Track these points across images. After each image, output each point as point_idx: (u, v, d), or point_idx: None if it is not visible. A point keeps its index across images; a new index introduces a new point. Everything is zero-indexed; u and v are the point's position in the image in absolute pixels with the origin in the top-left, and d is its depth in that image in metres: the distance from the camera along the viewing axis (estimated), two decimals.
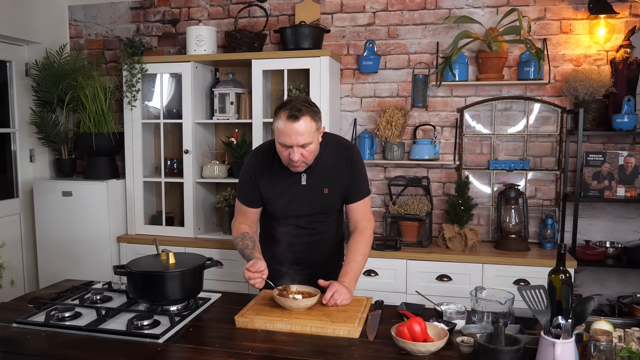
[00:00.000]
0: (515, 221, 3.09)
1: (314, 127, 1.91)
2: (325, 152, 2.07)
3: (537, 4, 3.20)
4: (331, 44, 3.48)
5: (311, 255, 2.16)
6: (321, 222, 2.14)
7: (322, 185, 2.06)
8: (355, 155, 2.11)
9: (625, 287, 3.21)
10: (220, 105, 3.40)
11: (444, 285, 2.95)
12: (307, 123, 1.88)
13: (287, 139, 1.89)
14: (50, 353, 1.59)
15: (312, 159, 1.99)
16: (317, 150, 2.00)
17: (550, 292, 1.47)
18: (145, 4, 3.76)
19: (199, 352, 1.56)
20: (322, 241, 2.17)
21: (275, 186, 2.07)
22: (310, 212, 2.10)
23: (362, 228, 2.13)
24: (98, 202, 3.34)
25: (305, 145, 1.90)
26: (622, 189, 3.04)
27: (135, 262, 1.92)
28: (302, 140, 1.89)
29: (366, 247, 2.11)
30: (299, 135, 1.88)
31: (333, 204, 2.12)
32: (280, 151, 1.95)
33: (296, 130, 1.87)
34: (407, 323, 1.54)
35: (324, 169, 2.06)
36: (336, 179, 2.07)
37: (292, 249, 2.13)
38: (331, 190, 2.07)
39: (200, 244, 3.26)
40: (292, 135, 1.88)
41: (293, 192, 2.07)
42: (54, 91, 3.48)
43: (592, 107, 3.02)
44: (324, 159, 2.06)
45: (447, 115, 3.37)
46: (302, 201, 2.07)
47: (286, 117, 1.88)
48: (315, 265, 2.16)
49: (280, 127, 1.90)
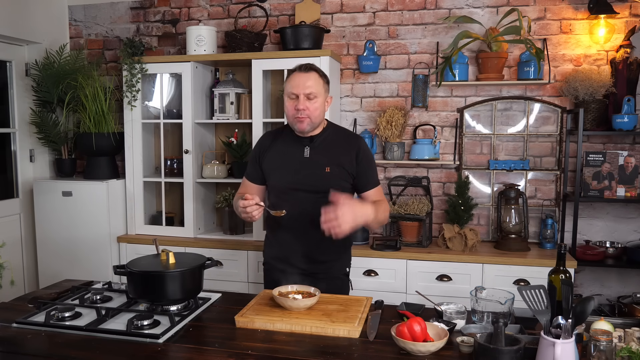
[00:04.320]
0: (515, 221, 3.09)
1: (321, 83, 2.07)
2: (330, 131, 2.18)
3: (537, 4, 3.20)
4: (331, 44, 3.48)
5: (314, 240, 2.10)
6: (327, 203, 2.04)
7: (324, 163, 2.10)
8: (364, 146, 2.17)
9: (625, 287, 3.21)
10: (220, 105, 3.40)
11: (444, 285, 2.95)
12: (315, 77, 2.06)
13: (295, 87, 2.04)
14: (50, 353, 1.59)
15: (317, 117, 2.08)
16: (322, 112, 2.10)
17: (550, 292, 1.47)
18: (145, 4, 3.76)
19: (199, 352, 1.56)
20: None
21: (278, 158, 2.16)
22: (311, 189, 2.09)
23: (380, 202, 2.12)
24: (98, 202, 3.34)
25: (311, 96, 2.03)
26: (622, 189, 3.04)
27: (135, 262, 1.92)
28: (309, 89, 2.03)
29: (384, 210, 2.09)
30: (307, 84, 2.03)
31: (334, 184, 2.08)
32: (288, 106, 2.07)
33: (305, 79, 2.03)
34: (407, 323, 1.54)
35: (328, 147, 2.13)
36: (339, 161, 2.11)
37: (296, 228, 2.12)
38: (332, 170, 2.10)
39: (200, 244, 3.26)
40: (300, 84, 2.03)
41: (295, 165, 2.12)
42: (54, 91, 3.48)
43: (592, 107, 3.02)
44: (328, 137, 2.15)
45: (447, 115, 3.37)
46: (304, 175, 2.10)
47: (297, 70, 2.08)
48: (317, 253, 2.13)
49: (290, 79, 2.07)
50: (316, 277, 2.13)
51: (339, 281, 2.22)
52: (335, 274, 2.21)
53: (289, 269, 2.15)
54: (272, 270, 2.23)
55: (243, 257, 3.19)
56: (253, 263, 3.18)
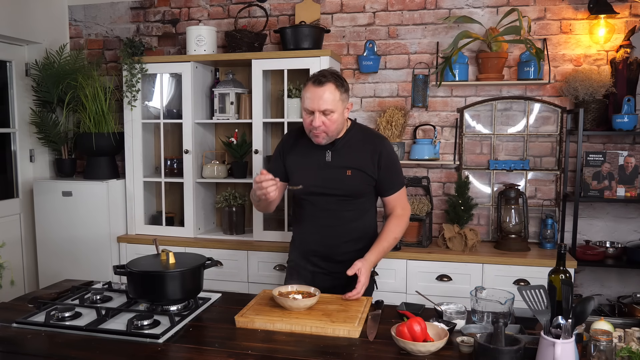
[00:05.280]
0: (515, 221, 3.09)
1: (337, 95, 1.97)
2: (353, 133, 2.12)
3: (537, 4, 3.20)
4: (331, 44, 3.48)
5: (336, 241, 2.12)
6: (348, 206, 2.11)
7: (345, 166, 2.07)
8: (387, 149, 2.12)
9: (625, 287, 3.21)
10: (220, 105, 3.40)
11: (444, 285, 2.94)
12: (331, 90, 1.96)
13: (309, 103, 1.97)
14: (50, 353, 1.59)
15: (335, 131, 2.02)
16: (340, 123, 2.02)
17: (550, 292, 1.47)
18: (145, 4, 3.76)
19: (199, 352, 1.56)
20: (348, 227, 2.13)
21: (301, 160, 2.13)
22: (333, 192, 2.08)
23: (397, 214, 2.15)
24: (98, 202, 3.34)
25: (327, 112, 1.96)
26: (622, 189, 3.04)
27: (135, 262, 1.92)
28: (324, 106, 1.95)
29: (400, 231, 2.14)
30: (321, 100, 1.94)
31: (356, 188, 2.10)
32: (305, 119, 2.02)
33: (319, 95, 1.95)
34: (407, 323, 1.54)
35: (350, 150, 2.08)
36: (361, 165, 2.08)
37: (318, 230, 2.13)
38: (354, 173, 2.07)
39: (200, 244, 3.26)
40: (314, 100, 1.95)
41: (317, 168, 2.09)
42: (54, 91, 3.48)
43: (592, 107, 3.02)
44: (351, 140, 2.10)
45: (447, 115, 3.37)
46: (326, 179, 2.08)
47: (311, 83, 1.98)
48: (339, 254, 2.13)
49: (305, 92, 1.99)
50: (338, 275, 2.11)
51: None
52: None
53: (309, 267, 2.17)
54: (295, 269, 2.21)
55: (243, 257, 3.19)
56: (253, 263, 3.18)
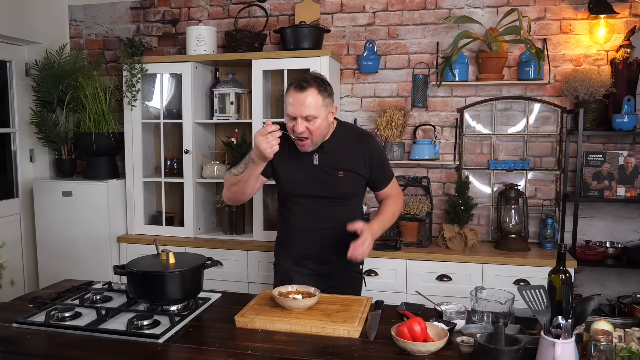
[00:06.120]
0: (515, 221, 3.09)
1: (320, 101, 1.91)
2: (339, 133, 2.07)
3: (537, 4, 3.20)
4: (331, 44, 3.48)
5: (329, 243, 2.10)
6: (339, 207, 2.09)
7: (337, 168, 2.04)
8: (375, 147, 2.10)
9: (625, 287, 3.21)
10: (220, 105, 3.40)
11: (444, 285, 2.94)
12: (313, 95, 1.89)
13: (292, 109, 1.91)
14: (50, 353, 1.59)
15: (319, 136, 1.97)
16: (324, 128, 1.97)
17: (550, 292, 1.47)
18: (145, 4, 3.76)
19: (199, 352, 1.56)
20: (341, 228, 2.07)
21: (288, 163, 2.07)
22: (324, 195, 2.06)
23: (393, 196, 2.17)
24: (98, 202, 3.34)
25: (310, 118, 1.90)
26: (622, 189, 3.04)
27: (135, 262, 1.92)
28: (307, 112, 1.89)
29: (397, 209, 2.15)
30: (303, 106, 1.88)
31: (349, 190, 2.08)
32: (287, 124, 1.96)
33: (301, 101, 1.88)
34: (407, 323, 1.54)
35: (339, 152, 2.04)
36: (352, 166, 2.05)
37: (310, 233, 2.10)
38: (346, 175, 2.05)
39: (200, 244, 3.26)
40: (296, 105, 1.89)
41: (305, 172, 2.05)
42: (54, 91, 3.48)
43: (592, 107, 3.02)
44: (338, 141, 2.05)
45: (447, 115, 3.37)
46: (316, 182, 2.05)
47: (293, 87, 1.91)
48: (331, 254, 2.11)
49: (288, 98, 1.93)
50: (329, 276, 2.11)
51: (353, 279, 2.21)
52: (350, 272, 2.19)
53: (301, 270, 2.14)
54: (283, 272, 2.19)
55: (243, 257, 3.19)
56: (253, 263, 3.18)
